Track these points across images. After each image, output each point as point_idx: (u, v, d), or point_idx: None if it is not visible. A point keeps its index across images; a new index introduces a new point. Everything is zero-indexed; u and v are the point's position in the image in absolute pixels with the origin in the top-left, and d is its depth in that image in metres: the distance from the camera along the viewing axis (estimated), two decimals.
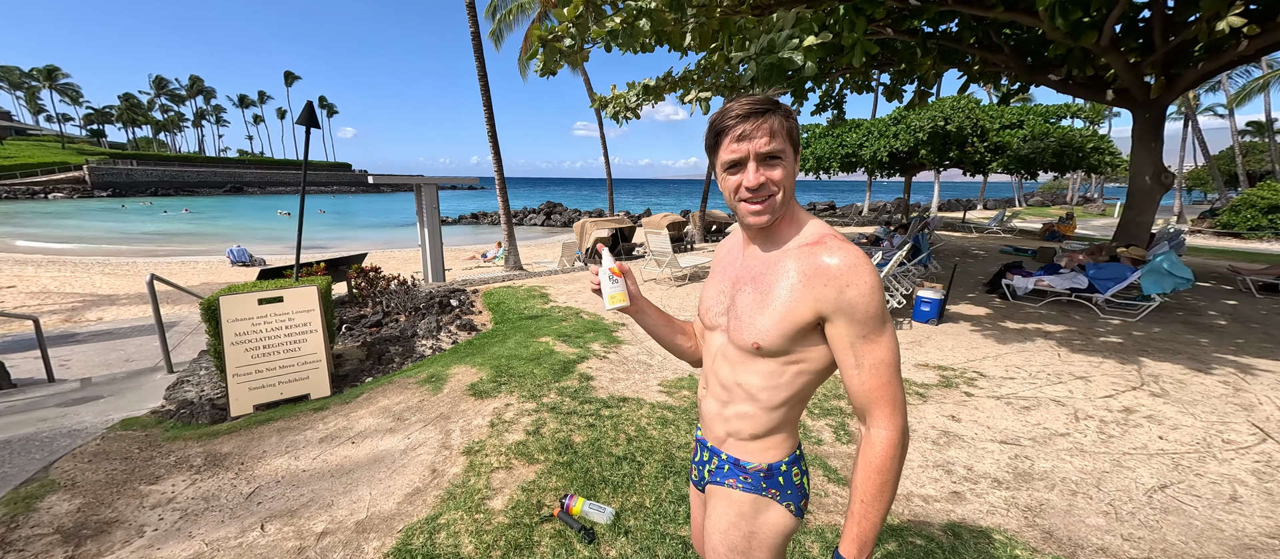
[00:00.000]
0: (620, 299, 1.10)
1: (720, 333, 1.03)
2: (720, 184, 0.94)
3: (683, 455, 2.70)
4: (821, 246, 0.87)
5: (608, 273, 1.11)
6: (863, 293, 0.82)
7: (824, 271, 0.83)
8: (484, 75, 10.18)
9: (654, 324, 1.18)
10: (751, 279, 0.95)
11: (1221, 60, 6.73)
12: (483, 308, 6.48)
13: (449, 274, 10.65)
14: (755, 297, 0.92)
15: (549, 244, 18.75)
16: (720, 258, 1.12)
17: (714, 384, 1.04)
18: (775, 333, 0.88)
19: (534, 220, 30.86)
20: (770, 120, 0.85)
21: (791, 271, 0.88)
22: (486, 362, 4.14)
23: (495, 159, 10.57)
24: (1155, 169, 8.07)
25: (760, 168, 0.86)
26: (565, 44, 6.06)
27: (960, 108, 16.36)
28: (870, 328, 0.83)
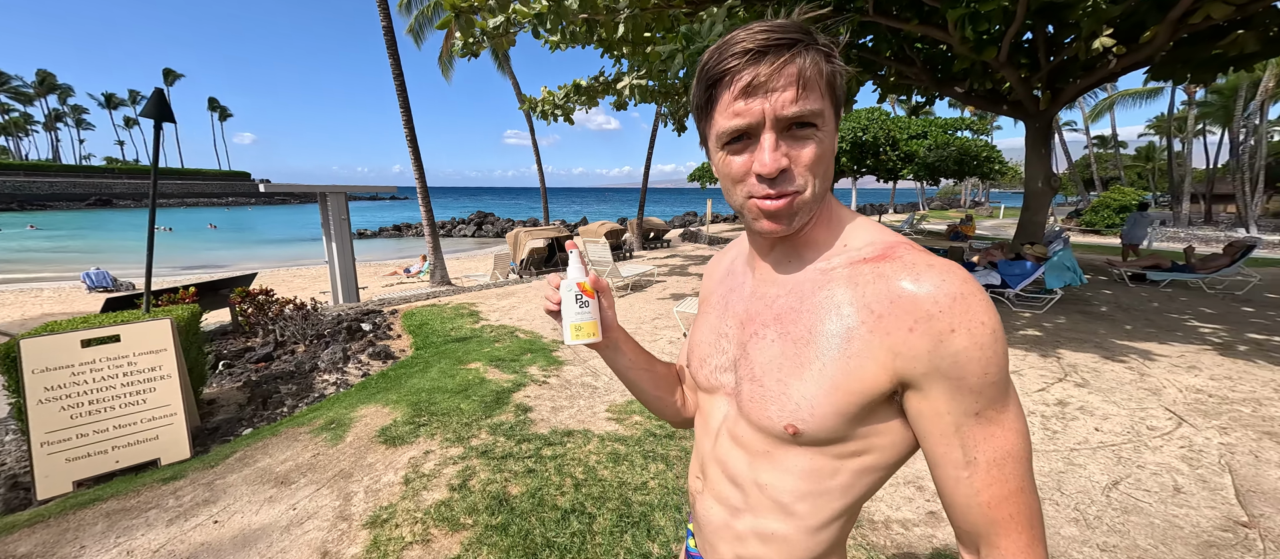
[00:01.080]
0: (589, 332, 0.72)
1: (725, 399, 0.67)
2: (716, 167, 0.60)
3: (640, 500, 2.33)
4: (895, 263, 0.53)
5: (573, 290, 0.72)
6: (979, 342, 0.48)
7: (908, 307, 0.50)
8: (399, 74, 9.31)
9: (629, 366, 0.80)
10: (775, 318, 0.60)
11: (1095, 76, 7.59)
12: (402, 331, 5.74)
13: (365, 293, 9.57)
14: (785, 347, 0.58)
15: (480, 256, 17.72)
16: (715, 281, 0.77)
17: (717, 476, 0.67)
18: (826, 409, 0.54)
19: (464, 231, 29.28)
20: (799, 61, 0.51)
21: (845, 305, 0.54)
22: (403, 398, 3.53)
23: (416, 165, 9.69)
24: (1046, 174, 8.97)
25: (782, 142, 0.53)
26: (490, 25, 5.56)
27: (875, 119, 17.61)
28: (989, 400, 0.49)
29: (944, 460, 0.51)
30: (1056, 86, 8.29)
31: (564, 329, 0.73)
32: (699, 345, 0.72)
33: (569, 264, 0.75)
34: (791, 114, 0.51)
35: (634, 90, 6.60)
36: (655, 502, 2.30)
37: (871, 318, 0.52)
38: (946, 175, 18.08)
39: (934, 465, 0.53)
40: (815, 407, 0.54)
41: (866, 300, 0.52)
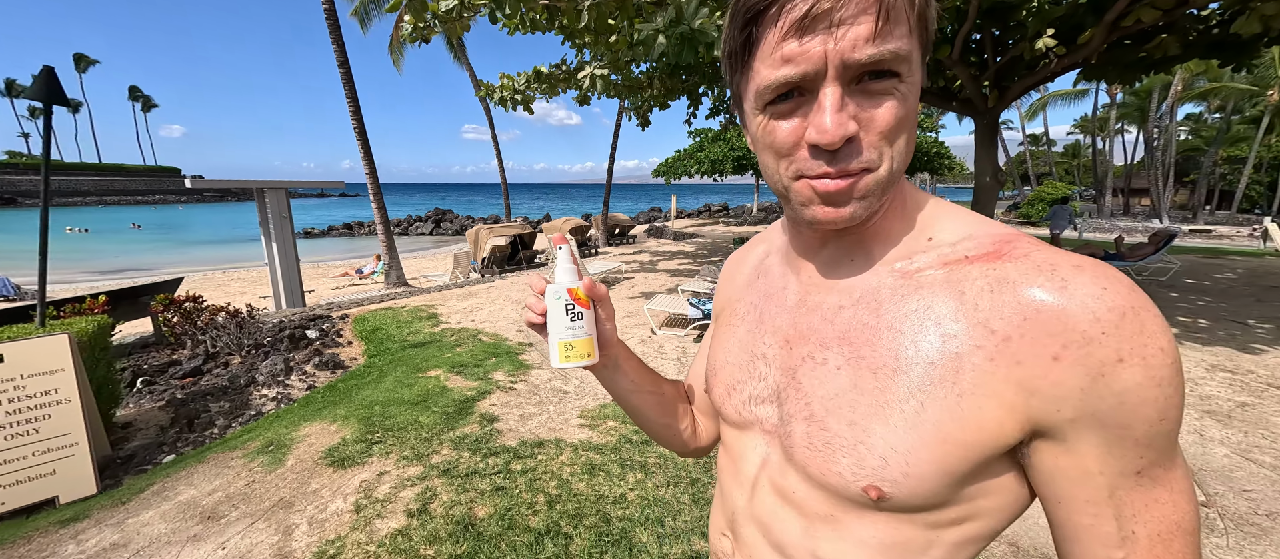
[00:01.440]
0: (583, 352, 0.56)
1: (763, 439, 0.52)
2: (754, 135, 0.44)
3: (619, 514, 2.17)
4: (1021, 263, 0.38)
5: (563, 298, 0.56)
6: (1157, 376, 0.34)
7: (1052, 325, 0.35)
8: (344, 60, 8.70)
9: (631, 389, 0.64)
10: (840, 337, 0.45)
11: (1037, 76, 8.00)
12: (353, 337, 5.33)
13: (312, 296, 8.93)
14: (858, 378, 0.42)
15: (439, 256, 17.00)
16: (739, 285, 0.61)
17: (755, 539, 0.52)
18: (926, 467, 0.39)
19: (421, 230, 28.10)
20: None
21: (949, 321, 0.39)
22: (353, 412, 3.22)
23: (365, 159, 9.11)
24: (993, 169, 9.43)
25: (850, 99, 0.38)
26: (442, 7, 5.22)
27: None
28: (1159, 453, 0.36)
29: (1088, 534, 0.38)
30: (1002, 85, 8.70)
31: (551, 349, 0.57)
32: (724, 368, 0.57)
33: (557, 264, 0.58)
34: (866, 58, 0.36)
35: (596, 81, 6.40)
36: (636, 516, 2.16)
37: (992, 340, 0.37)
38: None
39: (1069, 539, 0.39)
40: (911, 462, 0.39)
41: (983, 315, 0.38)
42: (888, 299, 0.43)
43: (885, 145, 0.39)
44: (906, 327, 0.41)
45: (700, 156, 18.23)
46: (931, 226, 0.45)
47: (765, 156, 0.44)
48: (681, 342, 4.88)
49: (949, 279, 0.40)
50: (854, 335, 0.44)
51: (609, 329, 0.61)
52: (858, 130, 0.38)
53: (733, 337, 0.57)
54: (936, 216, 0.46)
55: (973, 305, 0.38)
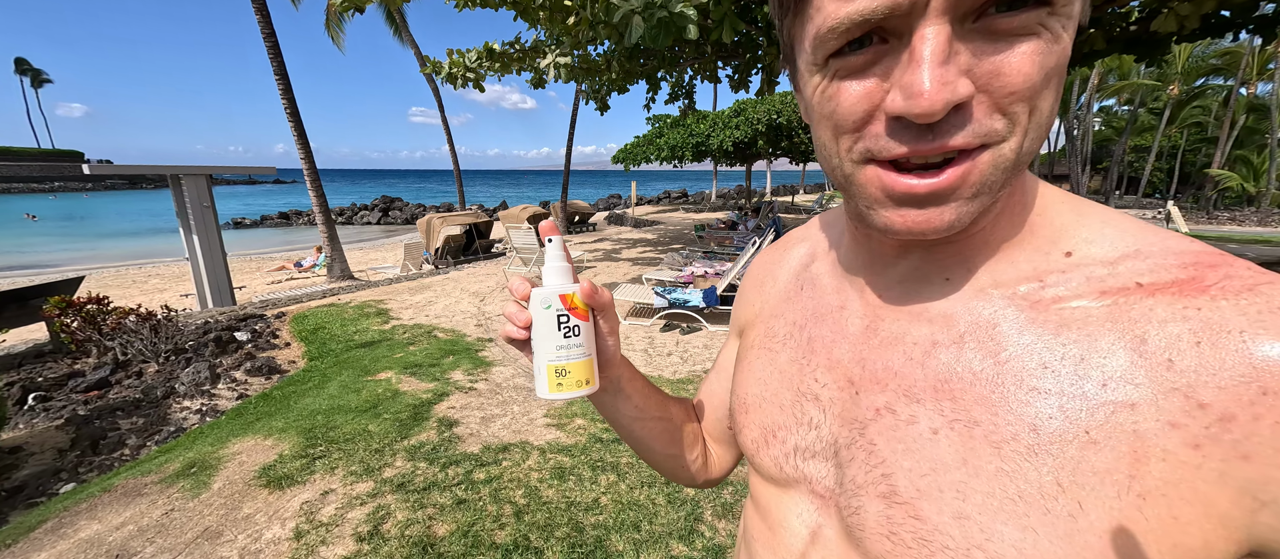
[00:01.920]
0: (580, 379, 0.43)
1: (812, 504, 0.40)
2: (809, 101, 0.32)
3: (593, 521, 2.06)
4: (1245, 301, 0.26)
5: (556, 307, 0.43)
6: None
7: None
8: (270, 33, 7.94)
9: (635, 416, 0.52)
10: (936, 386, 0.32)
11: None
12: (291, 338, 4.89)
13: (243, 293, 8.20)
14: (969, 451, 0.30)
15: (388, 246, 16.12)
16: (775, 298, 0.48)
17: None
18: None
19: (367, 219, 26.55)
20: None
21: (1123, 383, 0.27)
22: (292, 424, 2.92)
23: (299, 141, 8.40)
24: None
25: (962, 44, 0.26)
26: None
27: (789, 103, 18.39)
28: None
29: None
30: None
31: (537, 374, 0.44)
32: (760, 405, 0.45)
33: (545, 262, 0.45)
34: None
35: (559, 69, 6.11)
36: (610, 522, 2.05)
37: (1200, 419, 0.25)
38: None
39: None
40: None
41: (1183, 379, 0.26)
42: (1013, 338, 0.31)
43: (1019, 109, 0.26)
44: (1048, 382, 0.29)
45: (659, 143, 18.13)
46: (1070, 234, 0.33)
47: (821, 131, 0.32)
48: (648, 331, 4.80)
49: (1114, 316, 0.28)
50: (960, 387, 0.31)
51: (612, 346, 0.47)
52: (972, 92, 0.26)
53: (770, 364, 0.45)
54: (1076, 220, 0.33)
55: (1163, 361, 0.26)
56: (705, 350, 4.21)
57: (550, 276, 0.45)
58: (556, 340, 0.43)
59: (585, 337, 0.44)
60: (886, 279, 0.38)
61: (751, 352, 0.48)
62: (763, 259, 0.54)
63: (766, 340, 0.47)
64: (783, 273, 0.49)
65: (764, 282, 0.51)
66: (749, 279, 0.54)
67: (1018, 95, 0.26)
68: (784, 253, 0.51)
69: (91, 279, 10.26)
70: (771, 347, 0.46)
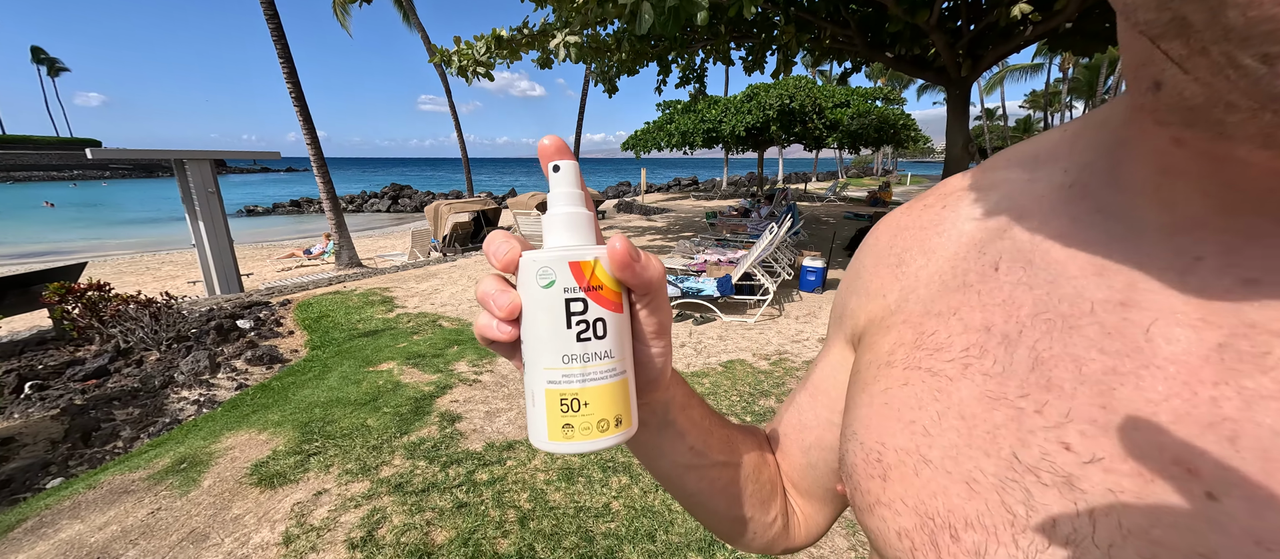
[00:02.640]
0: (606, 415, 0.25)
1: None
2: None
3: (603, 529, 1.89)
4: None
5: (560, 281, 0.24)
6: None
7: None
8: (274, 16, 7.77)
9: (691, 462, 0.34)
10: None
11: (1009, 45, 7.95)
12: (294, 326, 4.79)
13: (252, 280, 8.16)
14: None
15: (396, 234, 16.08)
16: (935, 280, 0.28)
17: None
18: None
19: (377, 206, 26.61)
20: None
21: None
22: (288, 417, 2.79)
23: (306, 128, 8.28)
24: (965, 139, 9.45)
25: None
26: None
27: (802, 87, 17.89)
28: None
29: None
30: (976, 54, 8.63)
31: (531, 403, 0.27)
32: (918, 471, 0.25)
33: (548, 206, 0.27)
34: None
35: (569, 49, 5.87)
36: (622, 531, 1.88)
37: None
38: (867, 143, 18.94)
39: None
40: None
41: None
42: None
43: None
44: None
45: (670, 129, 17.80)
46: None
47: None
48: None
49: None
50: None
51: (659, 355, 0.28)
52: None
53: (934, 399, 0.25)
54: None
55: None
56: (719, 342, 4.02)
57: (556, 233, 0.26)
58: (563, 344, 0.25)
59: (615, 338, 0.26)
60: (1251, 253, 0.18)
61: (888, 372, 0.28)
62: (898, 224, 0.33)
63: (920, 354, 0.27)
64: (944, 243, 0.29)
65: (905, 258, 0.31)
66: (873, 255, 0.34)
67: None
68: (944, 212, 0.31)
69: (106, 265, 10.32)
70: (935, 366, 0.26)
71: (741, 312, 4.80)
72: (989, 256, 0.26)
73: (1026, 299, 0.23)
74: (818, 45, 9.19)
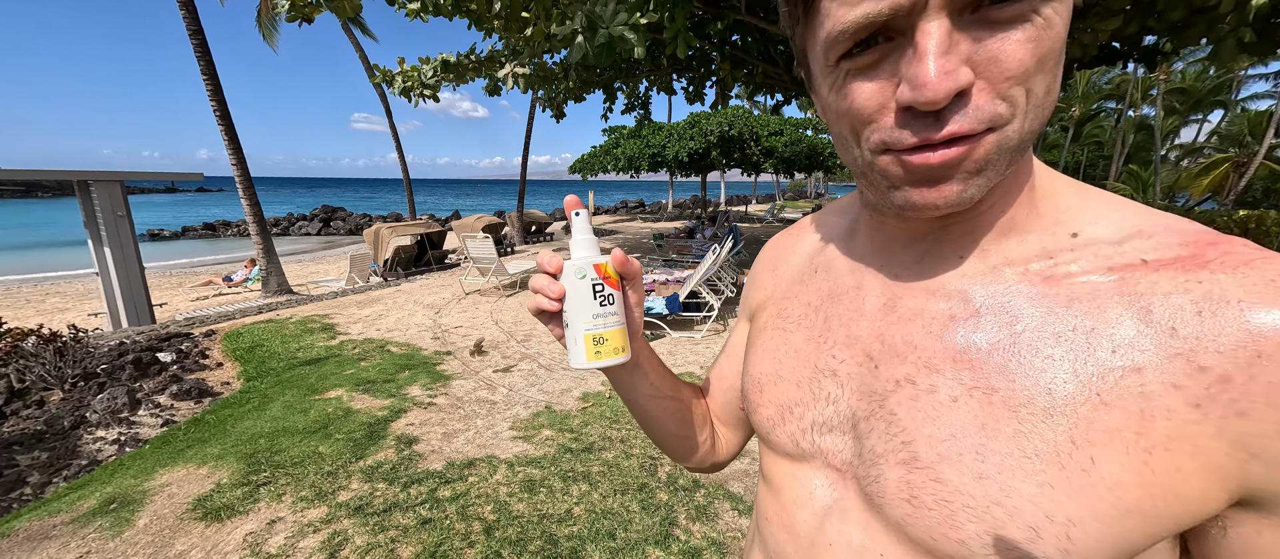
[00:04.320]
0: (616, 346, 0.45)
1: (828, 478, 0.42)
2: (824, 102, 0.36)
3: (566, 533, 2.02)
4: (1242, 276, 0.29)
5: (589, 276, 0.44)
6: None
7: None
8: (198, 31, 7.39)
9: (651, 394, 0.53)
10: (955, 357, 0.35)
11: None
12: (224, 358, 4.51)
13: (164, 311, 7.49)
14: (988, 416, 0.32)
15: (330, 258, 15.23)
16: (788, 279, 0.51)
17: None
18: (1096, 543, 0.29)
19: (306, 229, 24.98)
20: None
21: (1130, 349, 0.30)
22: (230, 450, 2.68)
23: (231, 146, 7.84)
24: None
25: (962, 35, 0.28)
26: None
27: (740, 116, 19.05)
28: None
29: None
30: None
31: (572, 345, 0.45)
32: (776, 383, 0.46)
33: (572, 234, 0.46)
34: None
35: (517, 79, 6.04)
36: (584, 532, 2.02)
37: (1201, 380, 0.28)
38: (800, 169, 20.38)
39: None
40: (1074, 537, 0.29)
41: (1185, 345, 0.29)
42: (1027, 311, 0.33)
43: (1017, 92, 0.28)
44: (1061, 350, 0.31)
45: (616, 153, 18.23)
46: (1076, 217, 0.36)
47: (840, 126, 0.34)
48: None
49: (1122, 290, 0.31)
50: (978, 357, 0.34)
51: (636, 317, 0.49)
52: (973, 79, 0.28)
53: (785, 344, 0.47)
54: (1080, 203, 0.36)
55: (1167, 329, 0.29)
56: (669, 357, 4.25)
57: (581, 248, 0.46)
58: (593, 309, 0.44)
59: (619, 305, 0.45)
60: (902, 261, 0.40)
61: (764, 333, 0.50)
62: (775, 245, 0.56)
63: (780, 321, 0.48)
64: (795, 257, 0.52)
65: (777, 266, 0.53)
66: (761, 264, 0.56)
67: (1014, 79, 0.28)
68: (796, 239, 0.54)
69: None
70: (785, 327, 0.47)
71: (689, 328, 5.07)
72: (813, 265, 0.49)
73: (826, 288, 0.46)
74: (751, 80, 9.97)
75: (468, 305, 6.30)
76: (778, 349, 0.47)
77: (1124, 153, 23.86)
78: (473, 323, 5.41)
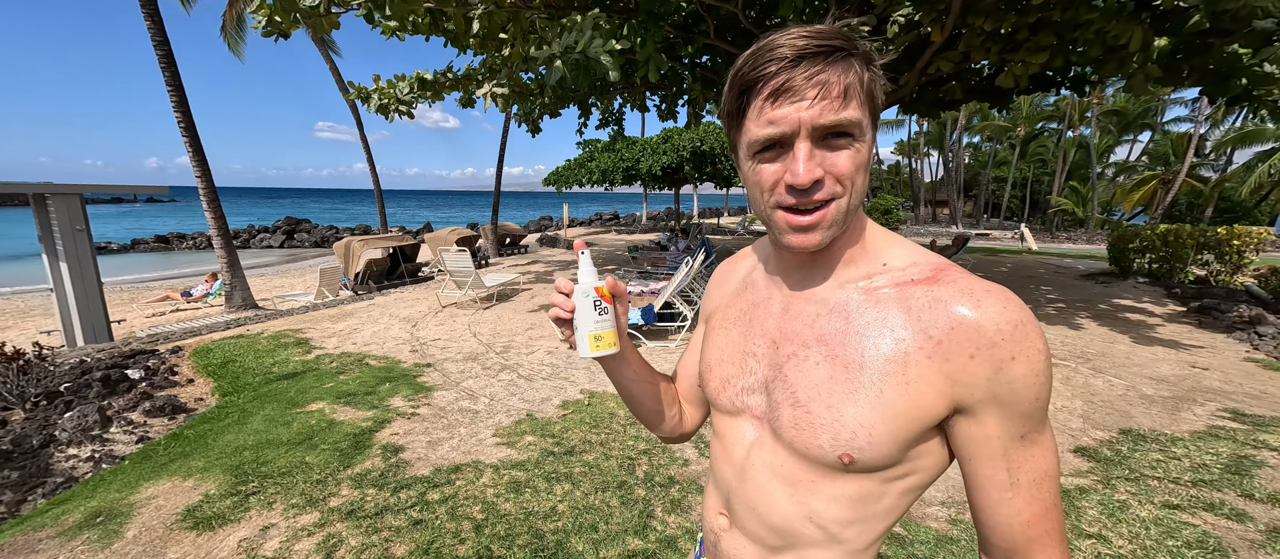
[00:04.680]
0: (609, 342, 0.65)
1: (752, 424, 0.64)
2: (744, 176, 0.58)
3: (552, 527, 2.18)
4: (950, 287, 0.53)
5: (591, 295, 0.65)
6: (1036, 369, 0.49)
7: (970, 334, 0.50)
8: (164, 40, 7.26)
9: (633, 379, 0.74)
10: (818, 339, 0.58)
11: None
12: (195, 374, 4.45)
13: (121, 328, 7.21)
14: (834, 371, 0.56)
15: (295, 272, 14.81)
16: (728, 294, 0.74)
17: (748, 514, 0.64)
18: (884, 435, 0.53)
19: (268, 241, 24.12)
20: (838, 68, 0.50)
21: (900, 329, 0.53)
22: (215, 462, 2.71)
23: (195, 156, 7.69)
24: None
25: (817, 151, 0.51)
26: (306, 3, 4.66)
27: (711, 132, 19.61)
28: (1035, 423, 0.51)
29: (988, 483, 0.53)
30: None
31: (579, 340, 0.66)
32: (720, 365, 0.69)
33: (580, 268, 0.67)
34: (828, 123, 0.49)
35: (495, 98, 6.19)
36: (569, 526, 2.18)
37: (929, 344, 0.51)
38: None
39: (976, 488, 0.54)
40: (873, 433, 0.53)
41: (923, 325, 0.52)
42: (855, 310, 0.57)
43: (844, 185, 0.52)
44: (869, 332, 0.55)
45: (591, 166, 18.47)
46: (885, 254, 0.59)
47: (753, 192, 0.57)
48: None
49: (901, 297, 0.55)
50: (830, 338, 0.57)
51: (623, 324, 0.70)
52: (823, 175, 0.51)
53: (726, 338, 0.69)
54: (889, 246, 0.60)
55: (917, 317, 0.53)
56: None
57: (585, 277, 0.67)
58: (593, 316, 0.65)
59: (612, 315, 0.66)
60: (792, 280, 0.63)
61: (715, 332, 0.72)
62: (723, 268, 0.79)
63: (723, 323, 0.71)
64: (734, 277, 0.75)
65: (723, 283, 0.76)
66: (713, 281, 0.79)
67: (844, 176, 0.52)
68: (736, 264, 0.77)
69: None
70: (727, 327, 0.70)
71: (664, 338, 5.29)
72: (744, 283, 0.71)
73: (751, 298, 0.68)
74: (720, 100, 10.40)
75: (445, 318, 6.35)
76: (722, 342, 0.70)
77: (1065, 169, 25.66)
78: (451, 336, 5.48)
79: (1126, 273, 9.02)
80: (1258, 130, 19.88)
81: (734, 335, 0.68)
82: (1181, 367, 4.29)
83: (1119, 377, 4.04)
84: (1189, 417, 3.30)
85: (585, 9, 5.62)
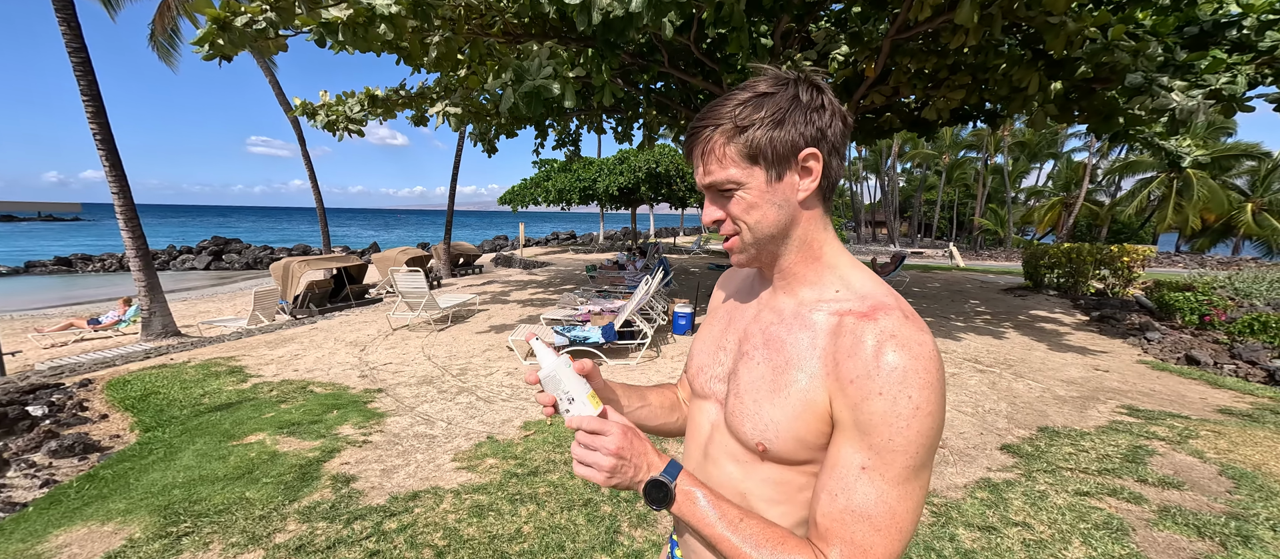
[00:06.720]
0: (597, 401, 0.70)
1: (714, 406, 0.74)
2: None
3: (518, 550, 2.15)
4: (872, 324, 0.58)
5: (573, 385, 0.69)
6: (896, 412, 0.54)
7: (862, 364, 0.56)
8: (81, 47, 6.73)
9: (628, 413, 0.83)
10: (765, 342, 0.68)
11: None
12: (109, 408, 4.03)
13: (14, 361, 6.42)
14: (765, 371, 0.65)
15: (224, 295, 13.72)
16: (727, 294, 0.84)
17: (706, 479, 0.73)
18: (787, 433, 0.61)
19: (191, 263, 22.24)
20: (707, 143, 0.64)
21: (822, 345, 0.61)
22: (139, 503, 2.48)
23: (112, 170, 7.12)
24: None
25: (717, 200, 0.67)
26: (254, 26, 4.47)
27: (666, 154, 20.13)
28: (881, 462, 0.55)
29: (823, 484, 0.60)
30: None
31: (565, 415, 0.70)
32: (699, 354, 0.79)
33: (563, 381, 0.69)
34: (707, 183, 0.65)
35: (449, 117, 6.13)
36: (535, 547, 2.16)
37: (834, 365, 0.59)
38: None
39: (818, 482, 0.61)
40: (779, 430, 0.62)
41: (836, 347, 0.59)
42: (795, 324, 0.66)
43: (740, 223, 0.65)
44: (798, 344, 0.64)
45: (547, 186, 18.44)
46: (840, 279, 0.67)
47: (704, 221, 0.71)
48: None
49: (833, 321, 0.63)
50: (771, 343, 0.67)
51: (600, 385, 0.75)
52: (724, 216, 0.66)
53: (710, 332, 0.80)
54: (850, 272, 0.68)
55: (836, 340, 0.60)
56: None
57: (566, 385, 0.69)
58: (565, 406, 0.68)
59: (586, 387, 0.69)
60: (770, 291, 0.73)
61: (705, 326, 0.83)
62: (727, 276, 0.88)
63: (711, 318, 0.83)
64: (737, 280, 0.85)
65: (727, 286, 0.86)
66: (718, 285, 0.89)
67: (736, 217, 0.65)
68: (735, 271, 0.86)
69: None
70: (713, 322, 0.82)
71: (625, 355, 5.33)
72: (741, 286, 0.81)
73: (734, 303, 0.79)
74: (675, 124, 10.76)
75: (396, 341, 6.10)
76: (706, 334, 0.81)
77: (985, 193, 28.20)
78: (404, 359, 5.27)
79: (1040, 287, 10.00)
80: (1139, 161, 22.80)
81: (716, 330, 0.79)
82: (1087, 370, 4.81)
83: (1036, 380, 4.47)
84: (1094, 414, 3.70)
85: (543, 38, 5.72)
